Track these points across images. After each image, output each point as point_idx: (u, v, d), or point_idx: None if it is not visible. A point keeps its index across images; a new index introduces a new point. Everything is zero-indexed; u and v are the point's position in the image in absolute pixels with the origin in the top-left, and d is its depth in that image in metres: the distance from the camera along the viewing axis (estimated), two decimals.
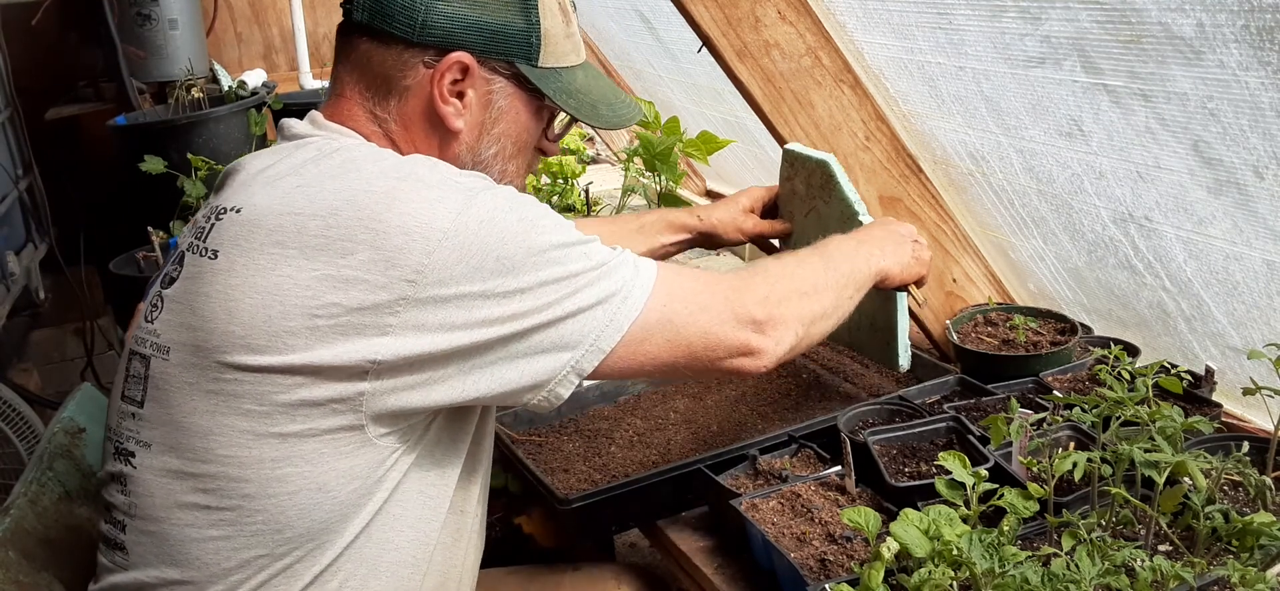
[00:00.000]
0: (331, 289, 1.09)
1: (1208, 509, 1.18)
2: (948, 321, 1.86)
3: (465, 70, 1.25)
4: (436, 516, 1.24)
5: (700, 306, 1.25)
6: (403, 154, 1.27)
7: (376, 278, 1.09)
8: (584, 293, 1.16)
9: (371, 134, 1.28)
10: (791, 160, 1.79)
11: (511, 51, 1.27)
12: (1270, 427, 1.35)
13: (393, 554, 1.21)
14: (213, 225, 1.19)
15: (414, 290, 1.09)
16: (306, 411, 1.12)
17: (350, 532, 1.17)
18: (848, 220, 1.66)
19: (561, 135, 1.42)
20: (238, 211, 1.18)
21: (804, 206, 1.78)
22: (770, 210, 1.87)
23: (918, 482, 1.39)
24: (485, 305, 1.12)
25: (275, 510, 1.14)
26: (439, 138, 1.29)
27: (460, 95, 1.27)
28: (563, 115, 1.38)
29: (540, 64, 1.30)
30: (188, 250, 1.21)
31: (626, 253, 1.24)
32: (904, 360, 1.67)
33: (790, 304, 1.33)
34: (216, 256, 1.16)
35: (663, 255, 1.80)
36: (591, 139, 3.73)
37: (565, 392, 1.18)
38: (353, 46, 1.28)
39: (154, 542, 1.17)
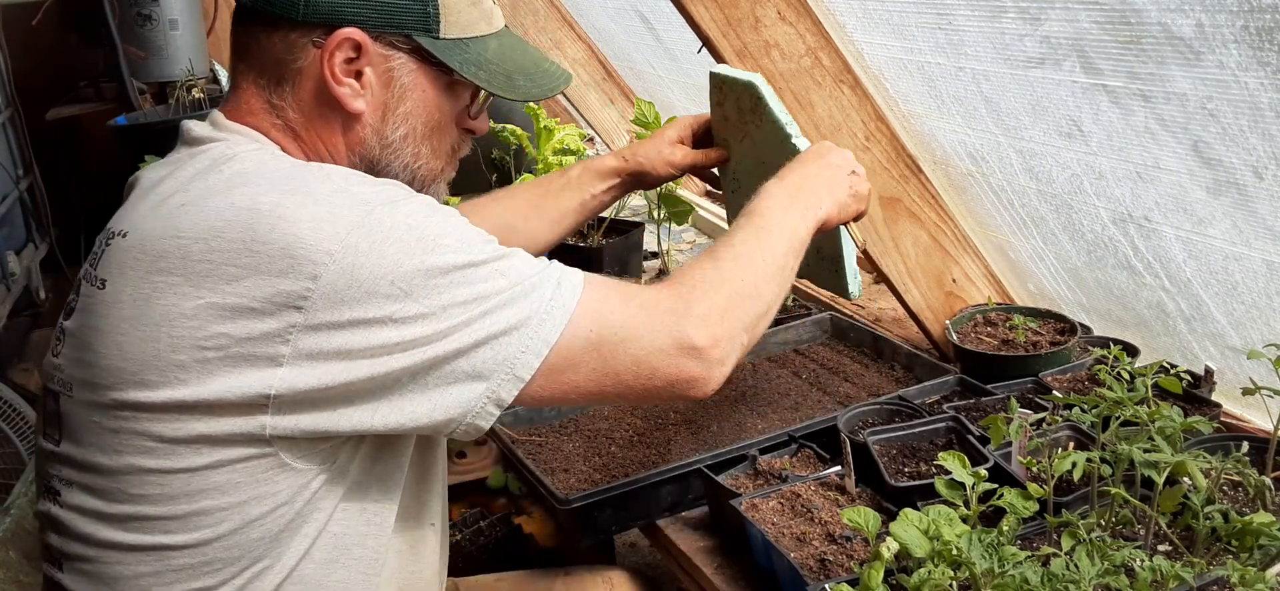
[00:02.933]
0: (218, 318, 1.03)
1: (1207, 509, 1.18)
2: (947, 321, 1.86)
3: (359, 47, 1.17)
4: (384, 531, 1.19)
5: (632, 331, 1.15)
6: (306, 144, 1.21)
7: (263, 305, 1.02)
8: (495, 316, 1.08)
9: (272, 126, 1.20)
10: (719, 84, 1.68)
11: (406, 24, 1.19)
12: (1270, 427, 1.35)
13: (341, 572, 1.16)
14: (103, 252, 1.14)
15: (303, 318, 1.02)
16: (211, 445, 1.06)
17: (291, 557, 1.12)
18: (782, 143, 1.56)
19: (480, 109, 1.33)
20: (124, 236, 1.12)
21: (737, 132, 1.68)
22: (703, 139, 1.76)
23: (917, 482, 1.39)
24: (383, 331, 1.04)
25: (200, 543, 1.09)
26: (340, 122, 1.21)
27: (357, 75, 1.19)
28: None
29: (442, 35, 1.21)
30: (83, 278, 1.15)
31: (551, 267, 1.15)
32: (854, 287, 1.60)
33: (732, 316, 1.23)
34: (104, 286, 1.10)
35: (597, 206, 1.72)
36: (591, 139, 3.73)
37: (485, 425, 1.11)
38: (244, 35, 1.21)
39: (89, 582, 1.13)
